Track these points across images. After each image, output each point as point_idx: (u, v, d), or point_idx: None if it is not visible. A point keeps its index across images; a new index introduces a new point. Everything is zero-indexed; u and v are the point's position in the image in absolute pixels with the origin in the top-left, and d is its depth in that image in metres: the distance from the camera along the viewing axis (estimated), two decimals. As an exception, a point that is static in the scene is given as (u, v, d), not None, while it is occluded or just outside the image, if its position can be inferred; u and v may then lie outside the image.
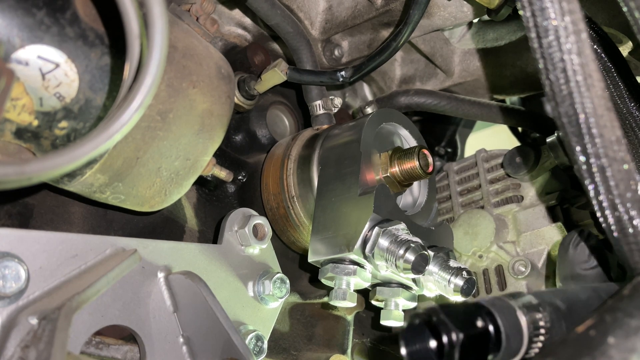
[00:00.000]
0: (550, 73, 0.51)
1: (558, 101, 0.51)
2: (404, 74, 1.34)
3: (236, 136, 1.16)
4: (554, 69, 0.51)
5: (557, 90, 0.51)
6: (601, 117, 0.50)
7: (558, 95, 0.51)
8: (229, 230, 0.88)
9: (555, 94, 0.51)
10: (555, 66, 0.50)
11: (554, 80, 0.51)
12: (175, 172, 0.77)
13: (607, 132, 0.50)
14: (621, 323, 0.45)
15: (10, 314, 0.59)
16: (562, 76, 0.50)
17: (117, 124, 0.51)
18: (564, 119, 0.51)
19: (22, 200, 0.81)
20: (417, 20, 0.95)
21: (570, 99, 0.50)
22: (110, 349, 0.73)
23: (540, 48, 0.51)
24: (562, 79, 0.50)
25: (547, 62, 0.51)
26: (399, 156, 0.94)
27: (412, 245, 0.80)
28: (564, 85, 0.50)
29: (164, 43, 0.52)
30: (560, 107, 0.51)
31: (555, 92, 0.51)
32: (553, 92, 0.51)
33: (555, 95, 0.51)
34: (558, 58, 0.50)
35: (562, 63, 0.50)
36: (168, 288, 0.75)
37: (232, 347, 0.72)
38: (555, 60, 0.50)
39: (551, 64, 0.51)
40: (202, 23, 0.85)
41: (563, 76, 0.50)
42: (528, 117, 1.23)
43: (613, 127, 0.50)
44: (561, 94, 0.51)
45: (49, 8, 0.61)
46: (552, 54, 0.50)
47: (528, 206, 1.11)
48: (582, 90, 0.50)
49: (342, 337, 1.14)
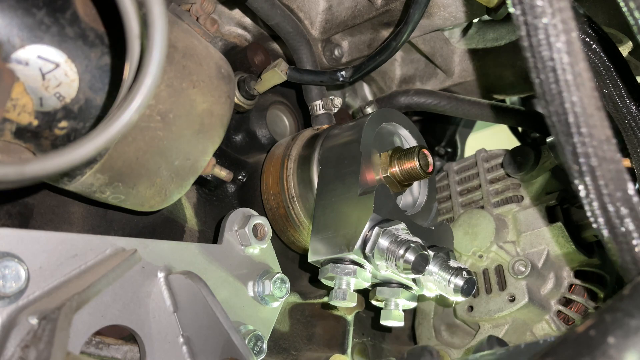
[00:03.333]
0: (540, 72, 0.51)
1: (548, 100, 0.51)
2: (404, 73, 1.34)
3: (236, 136, 1.16)
4: (543, 67, 0.50)
5: (547, 89, 0.51)
6: (591, 116, 0.50)
7: (548, 94, 0.51)
8: (229, 230, 0.88)
9: (545, 92, 0.51)
10: (545, 65, 0.50)
11: (543, 79, 0.51)
12: (175, 172, 0.77)
13: (596, 131, 0.50)
14: (621, 323, 0.45)
15: (10, 314, 0.59)
16: (551, 75, 0.50)
17: (117, 124, 0.51)
18: (553, 118, 0.51)
19: (22, 200, 0.81)
20: (417, 20, 0.95)
21: (559, 98, 0.50)
22: (110, 349, 0.73)
23: (531, 47, 0.51)
24: (552, 77, 0.50)
25: (537, 60, 0.51)
26: (399, 156, 0.94)
27: (412, 245, 0.80)
28: (554, 84, 0.50)
29: (164, 43, 0.52)
30: (550, 106, 0.51)
31: (545, 91, 0.51)
32: (543, 91, 0.51)
33: (545, 94, 0.51)
34: (548, 57, 0.50)
35: (551, 62, 0.50)
36: (168, 288, 0.75)
37: (232, 347, 0.72)
38: (545, 58, 0.50)
39: (541, 63, 0.50)
40: (202, 23, 0.85)
41: (552, 75, 0.50)
42: (528, 117, 1.23)
43: (603, 126, 0.50)
44: (551, 93, 0.51)
45: (49, 8, 0.61)
46: (542, 52, 0.50)
47: (528, 206, 1.11)
48: (571, 89, 0.50)
49: (342, 337, 1.14)
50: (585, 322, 0.48)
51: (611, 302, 0.48)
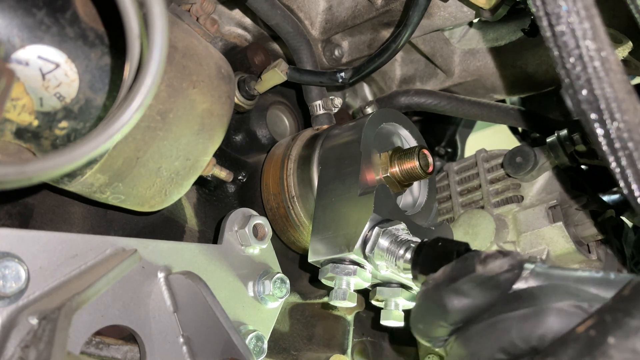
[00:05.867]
0: (565, 61, 0.50)
1: (577, 89, 0.50)
2: (404, 74, 1.34)
3: (236, 136, 1.16)
4: (569, 56, 0.49)
5: (574, 78, 0.50)
6: (623, 101, 0.49)
7: (576, 84, 0.50)
8: (229, 230, 0.88)
9: (572, 82, 0.50)
10: (571, 54, 0.49)
11: (570, 69, 0.50)
12: (175, 172, 0.77)
13: (630, 115, 0.49)
14: (621, 323, 0.45)
15: (10, 314, 0.59)
16: (578, 63, 0.49)
17: (117, 124, 0.51)
18: (584, 106, 0.50)
19: (22, 200, 0.81)
20: (417, 22, 0.95)
21: (589, 86, 0.49)
22: (110, 349, 0.73)
23: (554, 36, 0.50)
24: (579, 66, 0.49)
25: (562, 50, 0.49)
26: (399, 156, 0.94)
27: (412, 246, 0.80)
28: (582, 72, 0.49)
29: (164, 43, 0.52)
30: (578, 95, 0.50)
31: (572, 80, 0.50)
32: (570, 79, 0.50)
33: (573, 83, 0.50)
34: (573, 45, 0.49)
35: (577, 50, 0.49)
36: (168, 288, 0.75)
37: (232, 347, 0.72)
38: (570, 47, 0.49)
39: (566, 52, 0.49)
40: (202, 23, 0.85)
41: (580, 63, 0.49)
42: (528, 117, 1.23)
43: (636, 109, 0.49)
44: (579, 82, 0.49)
45: (49, 8, 0.61)
46: (567, 41, 0.49)
47: (528, 206, 1.11)
48: (600, 75, 0.49)
49: (342, 337, 1.14)
50: (585, 322, 0.48)
51: (611, 302, 0.48)
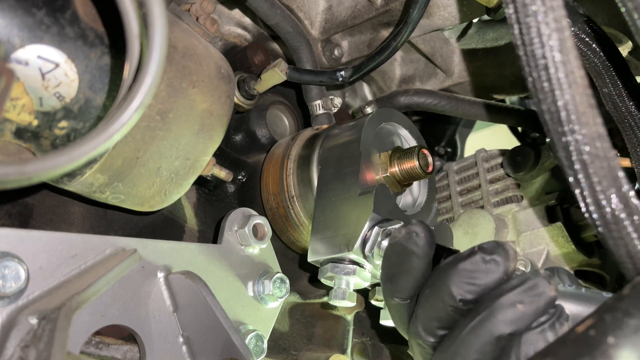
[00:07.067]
0: (532, 70, 0.51)
1: (540, 98, 0.51)
2: (403, 73, 1.34)
3: (236, 136, 1.16)
4: (536, 65, 0.51)
5: (539, 87, 0.51)
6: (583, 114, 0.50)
7: (540, 92, 0.51)
8: (229, 230, 0.88)
9: (537, 90, 0.51)
10: (537, 63, 0.50)
11: (536, 77, 0.51)
12: (175, 172, 0.77)
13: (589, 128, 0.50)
14: (621, 323, 0.45)
15: (10, 314, 0.59)
16: (544, 73, 0.50)
17: (117, 124, 0.51)
18: (546, 115, 0.51)
19: (22, 200, 0.80)
20: (416, 21, 0.95)
21: (552, 96, 0.50)
22: (110, 348, 0.73)
23: (523, 45, 0.51)
24: (544, 75, 0.50)
25: (529, 58, 0.51)
26: (399, 156, 0.94)
27: (412, 245, 0.80)
28: (546, 82, 0.50)
29: (164, 43, 0.52)
30: (542, 104, 0.51)
31: (537, 89, 0.51)
32: (535, 88, 0.51)
33: (538, 91, 0.51)
34: (540, 55, 0.50)
35: (543, 60, 0.50)
36: (168, 288, 0.75)
37: (232, 347, 0.72)
38: (537, 56, 0.50)
39: (533, 61, 0.51)
40: (202, 23, 0.85)
41: (545, 73, 0.50)
42: (528, 117, 1.23)
43: (595, 123, 0.50)
44: (543, 91, 0.51)
45: (48, 8, 0.61)
46: (535, 50, 0.50)
47: (528, 206, 1.11)
48: (564, 87, 0.50)
49: (342, 337, 1.14)
50: (585, 322, 0.48)
51: (611, 302, 0.48)
